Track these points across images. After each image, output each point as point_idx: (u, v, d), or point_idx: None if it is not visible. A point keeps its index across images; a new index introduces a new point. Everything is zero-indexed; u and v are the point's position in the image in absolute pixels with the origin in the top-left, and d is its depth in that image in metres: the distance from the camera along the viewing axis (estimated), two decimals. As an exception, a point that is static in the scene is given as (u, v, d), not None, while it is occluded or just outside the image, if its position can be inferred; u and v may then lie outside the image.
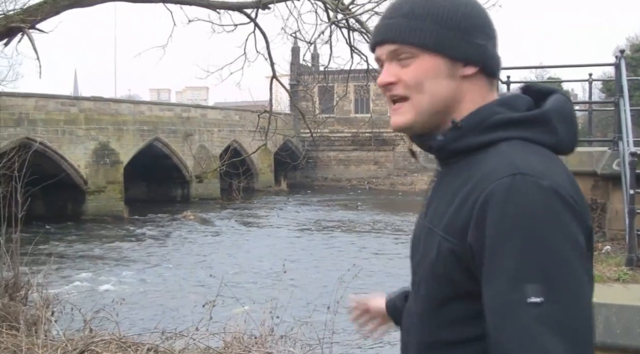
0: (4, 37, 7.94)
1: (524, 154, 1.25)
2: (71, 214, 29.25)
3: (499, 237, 1.17)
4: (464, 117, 1.33)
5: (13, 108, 26.79)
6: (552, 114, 1.31)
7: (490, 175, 1.22)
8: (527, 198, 1.17)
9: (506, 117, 1.30)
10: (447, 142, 1.34)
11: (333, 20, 9.34)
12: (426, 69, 1.34)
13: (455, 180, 1.31)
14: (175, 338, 5.83)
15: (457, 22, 1.34)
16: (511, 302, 1.15)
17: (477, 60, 1.35)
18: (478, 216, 1.20)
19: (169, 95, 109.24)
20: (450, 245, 1.25)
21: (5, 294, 7.26)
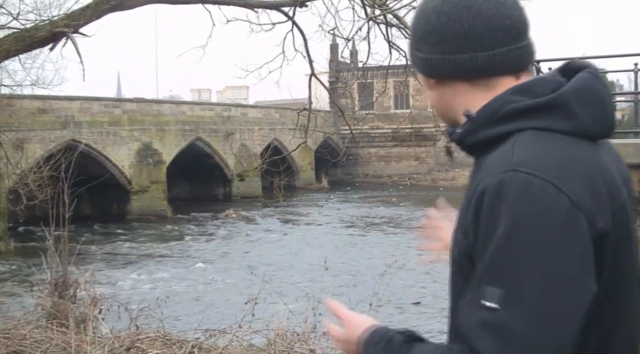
0: (49, 42, 8.13)
1: (529, 146, 1.18)
2: (116, 214, 29.80)
3: (484, 237, 1.15)
4: (479, 110, 1.28)
5: (59, 111, 27.43)
6: (569, 97, 1.22)
7: (487, 172, 1.19)
8: (514, 197, 1.12)
9: (517, 107, 1.23)
10: (464, 135, 1.31)
11: (371, 16, 9.31)
12: (421, 85, 1.50)
13: (477, 175, 1.27)
14: (219, 335, 5.89)
15: (413, 39, 1.39)
16: (471, 299, 1.14)
17: (425, 72, 1.38)
18: (474, 214, 1.19)
19: (209, 95, 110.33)
20: (464, 246, 1.24)
21: (55, 293, 7.43)
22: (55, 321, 6.32)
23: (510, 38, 1.29)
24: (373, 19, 9.48)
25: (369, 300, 6.96)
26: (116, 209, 30.51)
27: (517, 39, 1.30)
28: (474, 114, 1.28)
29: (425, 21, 1.33)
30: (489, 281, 1.11)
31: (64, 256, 7.77)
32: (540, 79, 1.31)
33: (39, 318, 6.73)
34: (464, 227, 1.23)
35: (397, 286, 12.20)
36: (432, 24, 1.32)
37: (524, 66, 1.32)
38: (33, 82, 20.06)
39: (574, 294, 1.10)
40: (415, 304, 13.34)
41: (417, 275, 16.02)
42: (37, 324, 6.33)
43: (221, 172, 37.13)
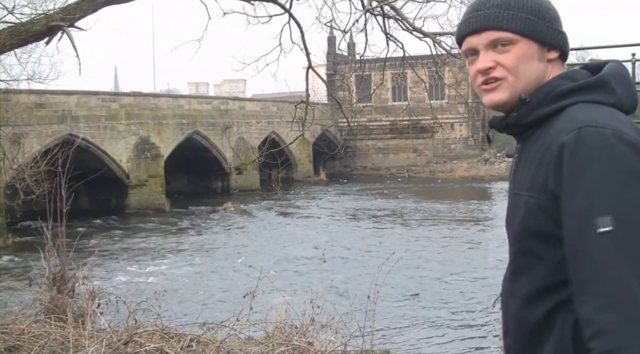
0: (44, 36, 8.08)
1: (587, 111, 1.46)
2: (114, 208, 29.78)
3: (571, 179, 1.38)
4: (532, 93, 1.56)
5: (56, 105, 27.35)
6: (609, 77, 1.53)
7: (560, 132, 1.44)
8: (592, 144, 1.38)
9: (569, 86, 1.53)
10: (521, 117, 1.57)
11: (367, 8, 9.28)
12: (523, 53, 1.56)
13: (531, 149, 1.54)
14: (217, 329, 5.89)
15: (545, 12, 1.59)
16: (583, 235, 1.34)
17: (559, 45, 1.61)
18: (555, 166, 1.42)
19: (207, 88, 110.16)
20: (535, 201, 1.47)
21: (53, 287, 7.44)
22: (53, 316, 6.32)
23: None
24: (370, 11, 9.44)
25: (367, 292, 6.97)
26: (114, 203, 30.49)
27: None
28: (527, 97, 1.56)
29: (547, 2, 1.61)
30: (598, 213, 1.33)
31: (62, 251, 7.77)
32: (574, 70, 1.62)
33: (37, 313, 6.73)
34: (536, 185, 1.47)
35: (396, 278, 12.23)
36: (549, 5, 1.61)
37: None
38: (29, 76, 20.04)
39: None
40: (414, 296, 13.36)
41: (415, 267, 16.05)
42: (35, 319, 6.33)
43: (219, 165, 37.11)
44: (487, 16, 1.58)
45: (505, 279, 1.63)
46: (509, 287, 1.60)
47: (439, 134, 47.52)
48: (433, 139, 48.14)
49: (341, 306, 7.47)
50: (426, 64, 14.48)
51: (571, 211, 1.37)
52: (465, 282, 14.57)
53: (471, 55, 1.63)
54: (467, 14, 1.64)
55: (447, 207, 28.75)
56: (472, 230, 22.40)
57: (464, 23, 1.64)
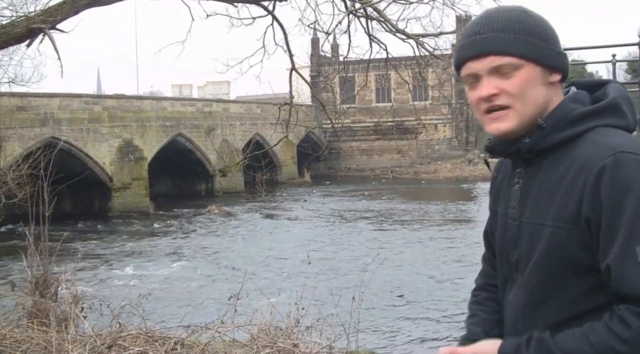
0: (25, 38, 8.02)
1: (614, 137, 1.44)
2: (98, 211, 29.59)
3: (612, 206, 1.36)
4: (545, 118, 1.51)
5: (38, 108, 27.14)
6: (620, 100, 1.52)
7: (594, 158, 1.41)
8: (632, 171, 1.37)
9: (585, 111, 1.50)
10: (535, 142, 1.51)
11: (350, 9, 9.30)
12: (529, 79, 1.50)
13: (553, 174, 1.49)
14: (201, 331, 5.87)
15: (545, 33, 1.53)
16: (627, 261, 1.33)
17: (560, 67, 1.55)
18: (592, 193, 1.39)
19: (190, 90, 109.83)
20: (564, 231, 1.43)
21: (36, 292, 7.38)
22: (36, 320, 6.27)
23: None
24: (353, 13, 9.46)
25: (352, 294, 6.98)
26: (97, 206, 30.30)
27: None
28: (543, 122, 1.50)
29: (545, 23, 1.55)
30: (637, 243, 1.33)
31: (45, 255, 7.72)
32: (577, 92, 1.58)
33: (19, 317, 6.67)
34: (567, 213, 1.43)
35: (381, 278, 12.26)
36: (547, 26, 1.55)
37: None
38: (11, 79, 19.83)
39: None
40: (399, 296, 13.40)
41: (400, 268, 16.09)
42: (18, 324, 6.28)
43: (203, 167, 37.01)
44: (490, 40, 1.50)
45: (517, 307, 1.56)
46: (526, 315, 1.54)
47: (423, 135, 47.71)
48: (417, 140, 48.34)
49: (326, 307, 7.48)
50: (409, 66, 14.54)
51: (613, 237, 1.35)
52: (450, 282, 14.64)
53: (472, 82, 1.55)
54: (466, 37, 1.55)
55: (432, 208, 28.86)
56: (457, 230, 22.51)
57: (464, 47, 1.55)
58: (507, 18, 1.51)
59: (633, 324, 1.31)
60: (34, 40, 8.04)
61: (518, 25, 1.50)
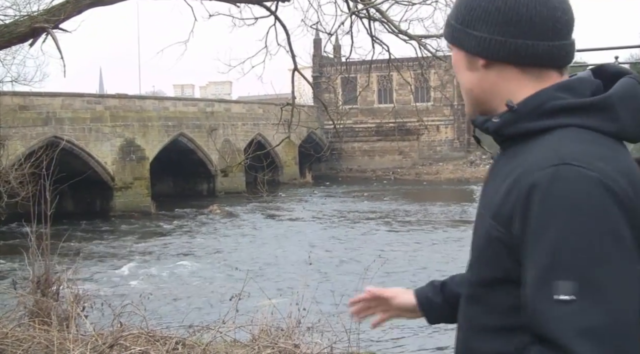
0: (28, 37, 8.04)
1: (576, 142, 1.21)
2: (99, 211, 29.63)
3: (538, 229, 1.16)
4: (521, 101, 1.30)
5: (41, 107, 27.17)
6: (615, 100, 1.25)
7: (536, 165, 1.20)
8: (570, 189, 1.14)
9: (563, 103, 1.26)
10: (503, 125, 1.32)
11: (353, 10, 9.30)
12: (454, 63, 1.40)
13: (506, 166, 1.30)
14: (203, 331, 5.87)
15: (462, 15, 1.36)
16: (540, 294, 1.13)
17: (478, 52, 1.34)
18: (522, 206, 1.19)
19: (192, 90, 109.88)
20: (499, 234, 1.25)
21: (38, 291, 7.38)
22: (37, 319, 6.28)
23: (566, 32, 1.32)
24: (356, 13, 9.47)
25: (353, 294, 6.97)
26: (99, 205, 30.33)
27: (570, 34, 1.34)
28: (515, 105, 1.30)
29: (488, 0, 1.32)
30: (559, 275, 1.12)
31: (47, 254, 7.72)
32: (580, 78, 1.32)
33: (21, 316, 6.67)
34: (501, 217, 1.24)
35: (382, 279, 12.25)
36: (497, 5, 1.30)
37: (569, 62, 1.35)
38: (14, 78, 19.87)
39: (630, 284, 1.13)
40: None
41: (402, 269, 16.09)
42: (19, 323, 6.28)
43: (205, 168, 37.03)
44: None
45: (462, 298, 1.43)
46: (463, 311, 1.41)
47: (425, 136, 47.72)
48: (419, 141, 48.35)
49: (327, 308, 7.48)
50: (412, 67, 14.55)
51: (534, 265, 1.16)
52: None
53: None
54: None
55: (434, 209, 28.86)
56: (458, 232, 22.50)
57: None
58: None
59: None
60: (37, 39, 8.05)
61: (455, 5, 1.40)
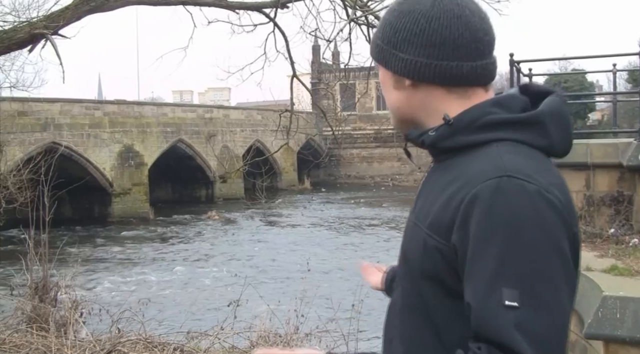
0: (27, 43, 8.05)
1: (514, 156, 1.25)
2: (98, 217, 29.59)
3: (482, 239, 1.18)
4: (457, 115, 1.33)
5: (39, 113, 27.18)
6: (546, 116, 1.31)
7: (478, 176, 1.23)
8: (512, 200, 1.19)
9: (498, 118, 1.31)
10: (439, 139, 1.35)
11: (352, 17, 9.32)
12: (381, 81, 1.44)
13: (443, 177, 1.33)
14: (201, 338, 5.87)
15: (388, 36, 1.40)
16: (490, 301, 1.16)
17: (405, 73, 1.38)
18: (463, 216, 1.22)
19: (191, 96, 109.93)
20: (436, 243, 1.27)
21: (35, 296, 7.37)
22: (35, 325, 6.27)
23: (488, 52, 1.38)
24: (354, 20, 9.49)
25: (351, 301, 6.98)
26: (97, 211, 30.30)
27: (492, 53, 1.39)
28: (451, 119, 1.33)
29: (413, 22, 1.36)
30: (505, 283, 1.16)
31: (45, 260, 7.71)
32: (511, 95, 1.38)
33: (19, 322, 6.66)
34: (439, 226, 1.27)
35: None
36: (421, 27, 1.35)
37: (493, 79, 1.41)
38: (12, 84, 19.82)
39: (567, 291, 1.20)
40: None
41: (400, 276, 16.07)
42: (17, 328, 6.27)
43: (203, 174, 37.02)
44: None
45: (393, 309, 1.44)
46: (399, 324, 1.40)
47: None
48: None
49: (325, 314, 7.47)
50: (410, 73, 14.51)
51: (479, 273, 1.18)
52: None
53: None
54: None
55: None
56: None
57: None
58: (384, 19, 1.44)
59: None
60: (36, 45, 8.06)
61: (380, 27, 1.43)
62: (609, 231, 6.58)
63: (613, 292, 4.46)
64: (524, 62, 8.89)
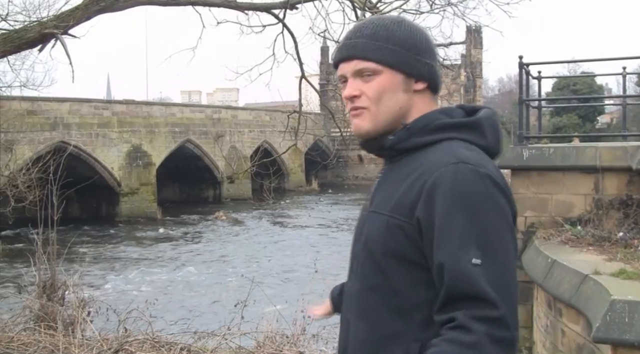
0: (38, 43, 8.07)
1: (463, 149, 1.52)
2: (106, 216, 29.69)
3: (448, 213, 1.43)
4: (412, 121, 1.60)
5: (48, 112, 27.30)
6: (483, 121, 1.61)
7: (437, 164, 1.49)
8: (469, 180, 1.45)
9: (448, 122, 1.59)
10: (398, 141, 1.60)
11: (361, 18, 9.32)
12: (386, 84, 1.60)
13: (400, 172, 1.58)
14: (208, 338, 5.87)
15: (413, 44, 1.61)
16: (462, 260, 1.40)
17: (426, 77, 1.63)
18: (428, 195, 1.46)
19: (199, 97, 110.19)
20: (398, 221, 1.51)
21: (43, 295, 7.39)
22: (43, 324, 6.28)
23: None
24: (363, 22, 9.48)
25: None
26: (105, 211, 30.40)
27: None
28: (408, 124, 1.60)
29: (418, 34, 1.63)
30: (470, 245, 1.41)
31: (53, 258, 7.73)
32: (452, 108, 1.68)
33: (26, 321, 6.68)
34: (402, 207, 1.51)
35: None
36: (424, 36, 1.64)
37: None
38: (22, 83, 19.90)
39: (514, 251, 1.49)
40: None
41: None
42: (25, 327, 6.29)
43: (211, 174, 37.08)
44: (355, 46, 1.62)
45: (350, 295, 1.65)
46: (356, 305, 1.62)
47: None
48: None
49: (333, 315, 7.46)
50: (419, 75, 14.50)
51: (449, 240, 1.42)
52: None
53: (343, 82, 1.66)
54: (342, 41, 1.68)
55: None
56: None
57: (337, 50, 1.68)
58: (378, 26, 1.62)
59: (474, 329, 1.36)
60: (46, 45, 8.09)
61: (386, 33, 1.60)
62: (617, 235, 6.54)
63: (621, 296, 4.44)
64: (533, 65, 8.86)
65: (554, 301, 5.76)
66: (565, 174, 7.43)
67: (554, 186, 7.49)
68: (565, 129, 42.40)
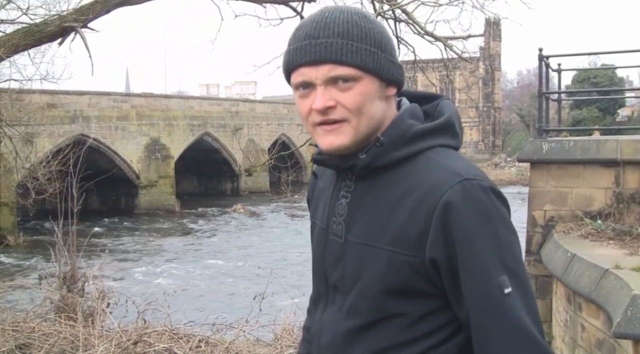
0: (58, 36, 8.15)
1: (454, 159, 1.36)
2: (124, 208, 29.93)
3: (466, 240, 1.27)
4: (384, 133, 1.38)
5: (68, 105, 27.54)
6: (454, 120, 1.44)
7: (439, 185, 1.30)
8: (479, 200, 1.29)
9: (423, 128, 1.39)
10: (373, 160, 1.37)
11: (379, 11, 9.28)
12: (367, 92, 1.34)
13: (389, 194, 1.36)
14: (225, 330, 5.90)
15: (385, 44, 1.38)
16: (491, 297, 1.27)
17: (398, 80, 1.41)
18: (440, 224, 1.28)
19: (217, 90, 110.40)
20: (405, 257, 1.31)
21: (64, 286, 7.46)
22: (63, 315, 6.34)
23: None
24: (381, 14, 9.44)
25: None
26: (124, 203, 30.65)
27: None
28: (382, 138, 1.37)
29: (384, 30, 1.40)
30: (498, 273, 1.28)
31: (73, 250, 7.80)
32: (414, 106, 1.46)
33: (47, 311, 6.76)
34: (406, 240, 1.31)
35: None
36: (387, 34, 1.40)
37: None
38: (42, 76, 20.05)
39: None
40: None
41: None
42: (46, 318, 6.36)
43: (229, 167, 37.22)
44: (328, 47, 1.32)
45: (336, 331, 1.43)
46: (348, 340, 1.41)
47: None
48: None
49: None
50: (437, 68, 14.48)
51: (473, 274, 1.27)
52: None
53: (303, 89, 1.37)
54: (300, 39, 1.37)
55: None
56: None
57: (297, 50, 1.37)
58: (348, 21, 1.34)
59: None
60: (66, 38, 8.16)
61: (359, 31, 1.33)
62: (638, 229, 6.47)
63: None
64: (553, 57, 8.77)
65: (573, 296, 5.71)
66: (586, 167, 7.36)
67: (574, 179, 7.42)
68: (585, 122, 41.95)
